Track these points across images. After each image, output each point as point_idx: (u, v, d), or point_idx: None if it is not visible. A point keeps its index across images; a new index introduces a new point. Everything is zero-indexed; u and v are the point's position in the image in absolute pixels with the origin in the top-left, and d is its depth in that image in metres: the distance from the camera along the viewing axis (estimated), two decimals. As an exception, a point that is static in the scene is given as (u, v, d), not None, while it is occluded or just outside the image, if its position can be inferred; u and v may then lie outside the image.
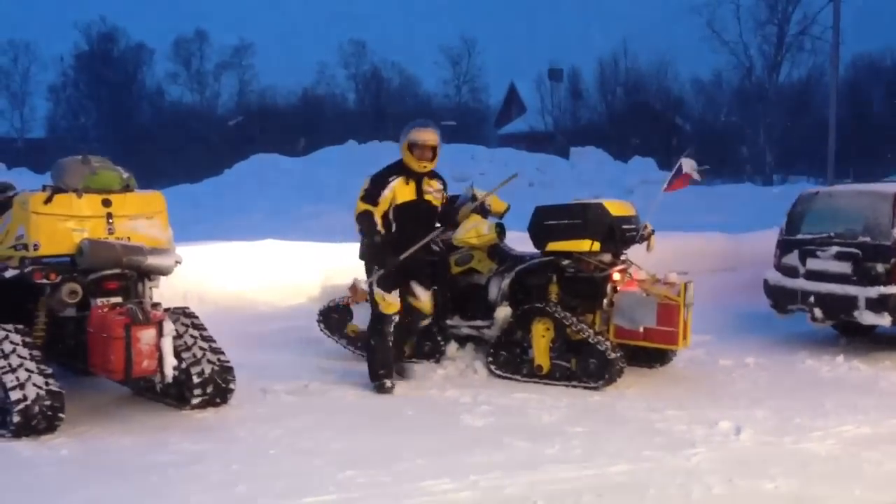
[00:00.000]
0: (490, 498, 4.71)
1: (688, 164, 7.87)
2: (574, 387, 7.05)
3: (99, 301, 6.02)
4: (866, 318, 8.13)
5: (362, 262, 7.30)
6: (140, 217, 6.26)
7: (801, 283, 8.66)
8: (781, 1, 47.79)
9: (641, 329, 7.14)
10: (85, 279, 6.00)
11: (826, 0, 29.45)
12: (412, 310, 7.34)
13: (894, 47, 50.20)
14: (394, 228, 7.13)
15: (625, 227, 7.36)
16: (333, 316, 8.22)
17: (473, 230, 7.81)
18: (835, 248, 8.41)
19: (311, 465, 5.20)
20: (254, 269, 10.13)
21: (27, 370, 5.65)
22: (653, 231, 7.55)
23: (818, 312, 8.44)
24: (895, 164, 31.21)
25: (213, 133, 49.52)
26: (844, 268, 8.28)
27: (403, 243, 7.06)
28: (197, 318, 6.53)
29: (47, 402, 5.63)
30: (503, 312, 7.51)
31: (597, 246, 7.23)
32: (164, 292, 6.64)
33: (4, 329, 5.83)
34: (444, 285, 7.98)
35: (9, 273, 6.04)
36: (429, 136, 7.16)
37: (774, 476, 5.01)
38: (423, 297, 7.36)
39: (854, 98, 44.76)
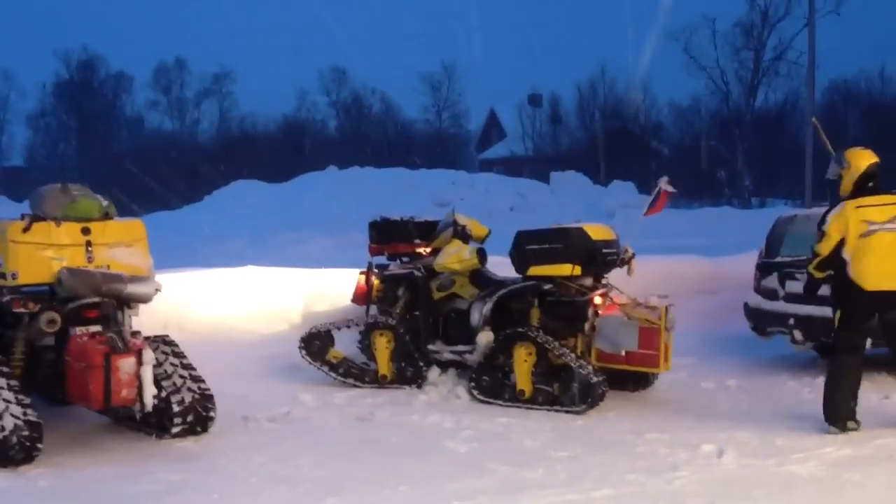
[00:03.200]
0: (473, 524, 4.69)
1: (663, 183, 7.91)
2: (557, 411, 7.04)
3: (78, 330, 5.96)
4: (846, 339, 8.16)
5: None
6: (120, 245, 6.23)
7: (780, 306, 8.70)
8: (757, 27, 48.52)
9: (623, 353, 7.16)
10: (64, 308, 5.95)
11: (801, 26, 29.90)
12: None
13: (869, 72, 51.00)
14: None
15: (605, 251, 7.39)
16: (315, 342, 8.18)
17: (455, 255, 7.84)
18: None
19: (293, 493, 5.16)
20: (234, 296, 10.08)
21: (4, 400, 5.58)
22: (633, 255, 7.59)
23: (798, 335, 8.47)
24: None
25: (194, 160, 49.39)
26: (824, 290, 8.31)
27: None
28: (177, 346, 6.48)
29: (25, 433, 5.56)
30: (485, 337, 7.50)
31: (578, 270, 7.26)
32: (144, 320, 6.59)
33: (-18, 359, 5.76)
34: (426, 310, 7.98)
35: (-14, 302, 5.98)
36: None
37: (757, 498, 5.01)
38: None
39: (830, 122, 45.34)
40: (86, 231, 6.10)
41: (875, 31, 69.10)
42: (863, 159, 6.60)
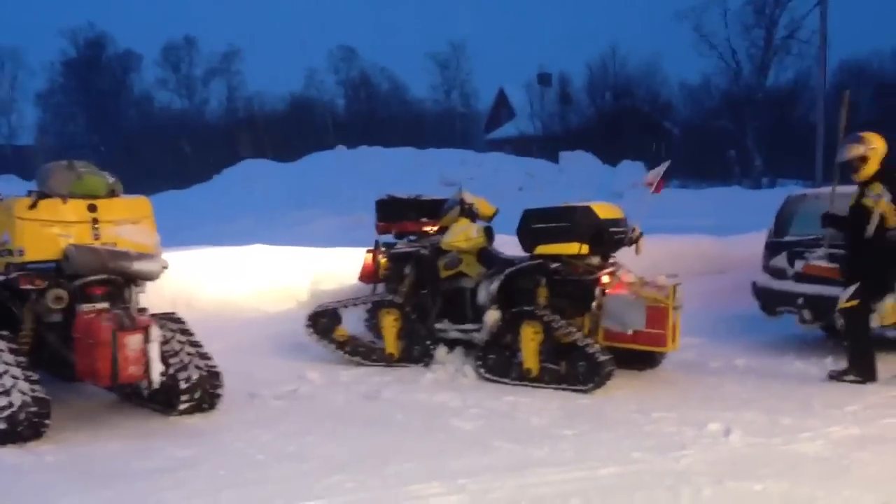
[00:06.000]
0: (478, 501, 4.69)
1: (663, 168, 7.86)
2: (563, 390, 7.04)
3: (85, 307, 5.98)
4: (854, 319, 8.13)
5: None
6: (126, 222, 6.23)
7: (789, 285, 8.67)
8: (769, 5, 48.04)
9: (630, 332, 7.14)
10: (71, 285, 5.97)
11: (813, 4, 29.64)
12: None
13: (881, 51, 50.56)
14: None
15: (613, 229, 7.37)
16: (322, 320, 8.19)
17: (462, 234, 7.82)
18: (822, 250, 8.42)
19: (299, 469, 5.18)
20: (242, 274, 10.11)
21: (13, 377, 5.61)
22: (641, 234, 7.56)
23: (806, 314, 8.44)
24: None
25: (202, 139, 49.41)
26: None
27: None
28: (184, 323, 6.50)
29: (33, 409, 5.59)
30: (492, 316, 7.50)
31: (585, 249, 7.24)
32: (152, 298, 6.60)
33: (-10, 335, 5.78)
34: (433, 289, 7.97)
35: (-6, 279, 5.99)
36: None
37: (764, 477, 5.00)
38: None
39: (840, 102, 44.83)
40: (92, 208, 6.10)
41: (887, 10, 68.51)
42: (882, 141, 7.00)
